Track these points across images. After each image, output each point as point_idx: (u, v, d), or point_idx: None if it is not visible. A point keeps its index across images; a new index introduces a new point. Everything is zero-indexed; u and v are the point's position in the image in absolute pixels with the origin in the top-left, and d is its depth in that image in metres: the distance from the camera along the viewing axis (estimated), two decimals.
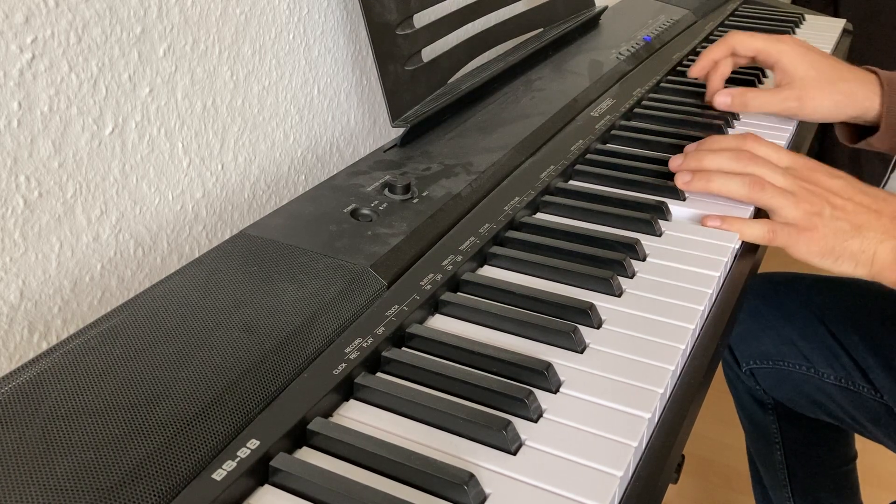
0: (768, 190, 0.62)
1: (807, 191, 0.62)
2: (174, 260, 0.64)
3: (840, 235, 0.61)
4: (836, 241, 0.61)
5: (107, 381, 0.40)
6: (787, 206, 0.62)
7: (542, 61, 0.89)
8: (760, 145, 0.65)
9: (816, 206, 0.62)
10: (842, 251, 0.61)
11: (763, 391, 1.00)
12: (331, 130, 0.79)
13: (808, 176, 0.64)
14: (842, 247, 0.61)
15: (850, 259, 0.61)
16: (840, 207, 0.62)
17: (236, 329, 0.44)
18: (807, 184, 0.63)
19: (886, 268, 0.61)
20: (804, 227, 0.61)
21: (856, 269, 0.61)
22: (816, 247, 0.61)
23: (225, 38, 0.65)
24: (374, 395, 0.43)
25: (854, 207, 0.62)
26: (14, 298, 0.52)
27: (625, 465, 0.39)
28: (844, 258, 0.61)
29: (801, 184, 0.63)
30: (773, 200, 0.62)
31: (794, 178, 0.63)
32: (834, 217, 0.61)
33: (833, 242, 0.61)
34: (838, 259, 0.61)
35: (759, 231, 0.62)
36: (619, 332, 0.49)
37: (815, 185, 0.63)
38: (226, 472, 0.36)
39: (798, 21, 1.18)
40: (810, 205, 0.61)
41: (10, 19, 0.48)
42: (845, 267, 0.61)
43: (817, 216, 0.61)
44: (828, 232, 0.61)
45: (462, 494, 0.36)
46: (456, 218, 0.58)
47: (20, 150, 0.51)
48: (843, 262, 0.61)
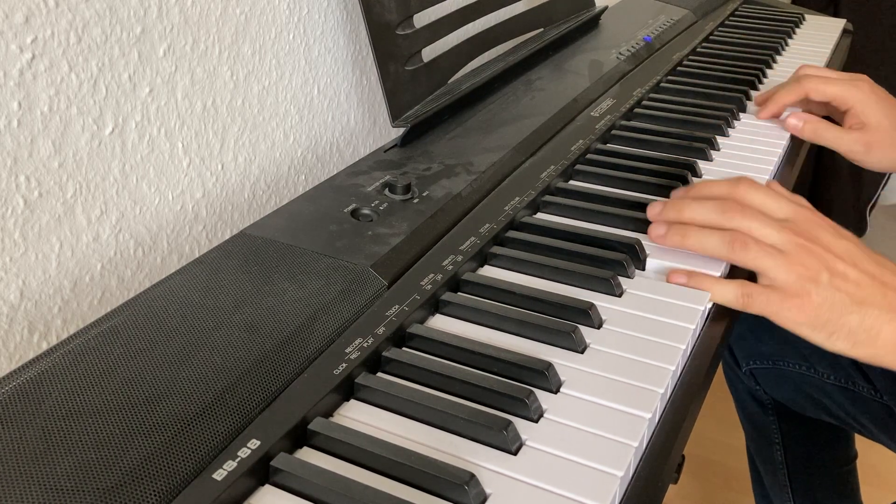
0: (752, 249, 0.54)
1: (803, 250, 0.53)
2: (174, 260, 0.64)
3: (837, 308, 0.52)
4: (831, 314, 0.52)
5: (107, 381, 0.40)
6: (775, 268, 0.53)
7: (542, 61, 0.89)
8: (755, 192, 0.57)
9: (812, 269, 0.53)
10: (837, 327, 0.52)
11: (763, 391, 1.00)
12: (331, 130, 0.79)
13: (807, 232, 0.55)
14: (838, 322, 0.52)
15: (848, 337, 0.53)
16: (841, 275, 0.53)
17: (237, 329, 0.44)
18: (805, 241, 0.54)
19: (892, 351, 0.52)
20: (793, 292, 0.52)
21: (853, 348, 0.53)
22: (806, 317, 0.53)
23: (225, 38, 0.65)
24: (374, 395, 0.43)
25: (857, 276, 0.53)
26: (14, 298, 0.52)
27: (625, 465, 0.39)
28: (840, 335, 0.53)
29: (797, 241, 0.54)
30: (758, 261, 0.54)
31: (790, 233, 0.54)
32: (832, 286, 0.52)
33: (828, 315, 0.52)
34: (832, 335, 0.53)
35: (730, 294, 0.54)
36: (620, 332, 0.49)
37: (815, 244, 0.54)
38: (226, 472, 0.36)
39: (798, 21, 1.18)
40: (805, 268, 0.53)
41: (10, 19, 0.48)
42: (840, 345, 0.53)
43: (812, 282, 0.52)
44: (821, 301, 0.52)
45: (462, 494, 0.36)
46: (456, 218, 0.58)
47: (20, 150, 0.51)
48: (837, 339, 0.53)
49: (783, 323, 0.53)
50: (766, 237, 0.54)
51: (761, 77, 0.93)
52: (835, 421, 0.93)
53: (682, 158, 0.71)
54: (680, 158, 0.71)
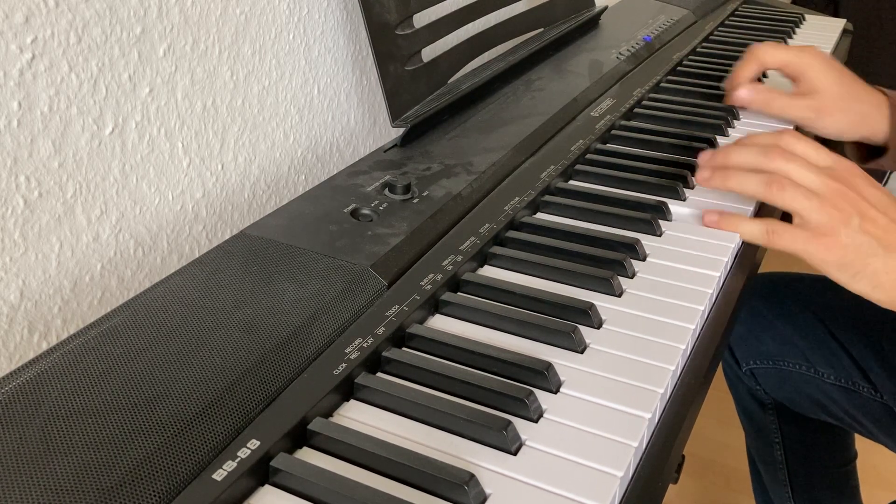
0: (788, 190, 0.56)
1: (838, 195, 0.56)
2: (174, 260, 0.64)
3: (864, 250, 0.55)
4: (857, 255, 0.55)
5: (107, 381, 0.40)
6: (808, 209, 0.56)
7: (542, 61, 0.89)
8: (798, 141, 0.59)
9: (844, 213, 0.55)
10: (861, 268, 0.55)
11: (763, 391, 1.00)
12: (331, 130, 0.79)
13: (844, 179, 0.57)
14: (863, 262, 0.55)
15: (871, 279, 0.55)
16: (871, 220, 0.55)
17: (236, 329, 0.44)
18: (841, 187, 0.56)
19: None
20: (822, 232, 0.55)
21: (874, 290, 0.56)
22: (833, 256, 0.55)
23: (225, 38, 0.65)
24: (374, 395, 0.43)
25: (887, 223, 0.56)
26: (14, 298, 0.52)
27: (625, 465, 0.39)
28: (863, 276, 0.55)
29: (833, 185, 0.56)
30: (794, 202, 0.56)
31: (828, 178, 0.57)
32: (861, 229, 0.55)
33: (854, 256, 0.55)
34: (856, 275, 0.55)
35: (756, 230, 0.57)
36: (620, 332, 0.49)
37: (851, 190, 0.56)
38: (226, 473, 0.36)
39: (798, 21, 1.18)
40: (837, 210, 0.55)
41: (10, 19, 0.48)
42: (862, 286, 0.56)
43: (842, 224, 0.55)
44: (849, 243, 0.55)
45: (462, 495, 0.36)
46: (456, 218, 0.58)
47: (20, 150, 0.51)
48: (860, 280, 0.55)
49: (809, 259, 0.56)
50: (804, 179, 0.57)
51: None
52: (835, 421, 0.93)
53: (682, 158, 0.71)
54: (680, 158, 0.71)
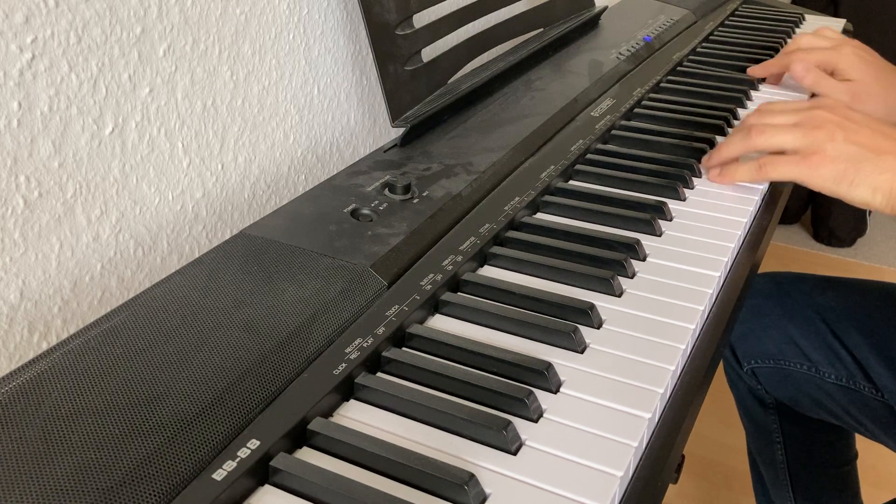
0: (768, 131, 0.59)
1: (817, 118, 0.58)
2: (174, 260, 0.64)
3: (853, 157, 0.56)
4: (848, 164, 0.56)
5: (107, 381, 0.40)
6: (792, 140, 0.58)
7: (542, 61, 0.89)
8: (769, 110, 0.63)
9: (826, 130, 0.57)
10: (855, 174, 0.56)
11: (764, 390, 0.99)
12: (331, 130, 0.79)
13: (822, 106, 0.60)
14: (855, 169, 0.56)
15: (867, 185, 0.56)
16: (854, 131, 0.57)
17: (236, 329, 0.44)
18: (819, 111, 0.59)
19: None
20: (809, 152, 0.57)
21: (874, 196, 0.56)
22: (826, 170, 0.56)
23: (225, 38, 0.65)
24: (374, 395, 0.43)
25: (871, 133, 0.57)
26: (14, 298, 0.52)
27: (625, 465, 0.39)
28: (860, 183, 0.56)
29: (812, 113, 0.59)
30: (775, 139, 0.59)
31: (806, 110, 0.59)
32: (847, 140, 0.56)
33: (845, 165, 0.56)
34: (853, 184, 0.56)
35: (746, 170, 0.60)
36: (620, 332, 0.49)
37: (829, 112, 0.58)
38: (226, 472, 0.36)
39: (798, 21, 1.18)
40: (820, 130, 0.57)
41: (10, 19, 0.48)
42: (862, 192, 0.56)
43: (826, 141, 0.57)
44: (837, 154, 0.56)
45: (462, 494, 0.36)
46: (456, 218, 0.58)
47: (20, 150, 0.51)
48: (858, 188, 0.56)
49: (806, 181, 0.58)
50: (782, 119, 0.60)
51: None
52: (836, 420, 0.93)
53: (682, 158, 0.71)
54: (680, 159, 0.71)
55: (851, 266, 1.98)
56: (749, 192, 0.66)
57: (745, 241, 0.61)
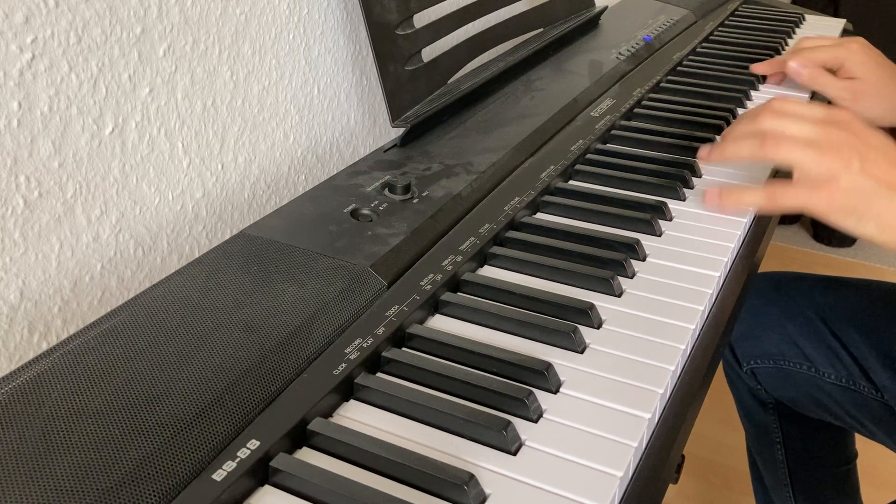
0: (783, 144, 0.56)
1: (834, 140, 0.55)
2: (174, 260, 0.64)
3: (867, 193, 0.54)
4: (860, 199, 0.54)
5: (107, 381, 0.40)
6: (806, 160, 0.55)
7: (542, 61, 0.89)
8: (787, 102, 0.59)
9: (844, 157, 0.54)
10: (866, 210, 0.54)
11: (764, 390, 0.99)
12: (331, 130, 0.79)
13: (840, 124, 0.57)
14: (867, 205, 0.54)
15: (877, 221, 0.54)
16: (872, 161, 0.55)
17: (236, 329, 0.44)
18: (837, 131, 0.56)
19: None
20: (822, 181, 0.55)
21: (881, 233, 0.55)
22: (837, 202, 0.55)
23: (225, 38, 0.65)
24: (374, 395, 0.43)
25: (889, 165, 0.55)
26: (14, 298, 0.52)
27: (625, 465, 0.39)
28: (869, 219, 0.55)
29: (829, 131, 0.56)
30: (791, 155, 0.56)
31: (823, 126, 0.56)
32: (863, 171, 0.54)
33: (857, 200, 0.54)
34: (861, 219, 0.55)
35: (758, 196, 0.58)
36: (620, 332, 0.49)
37: (848, 134, 0.56)
38: (226, 473, 0.36)
39: (798, 21, 1.18)
40: (837, 156, 0.55)
41: (10, 19, 0.48)
42: (869, 229, 0.55)
43: (842, 169, 0.54)
44: (850, 187, 0.54)
45: (462, 495, 0.36)
46: (456, 218, 0.58)
47: (20, 150, 0.51)
48: (867, 224, 0.55)
49: (815, 212, 0.56)
50: (798, 131, 0.56)
51: (761, 77, 0.93)
52: (835, 420, 0.93)
53: (682, 158, 0.71)
54: (680, 158, 0.71)
55: (851, 266, 1.98)
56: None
57: (745, 241, 0.61)
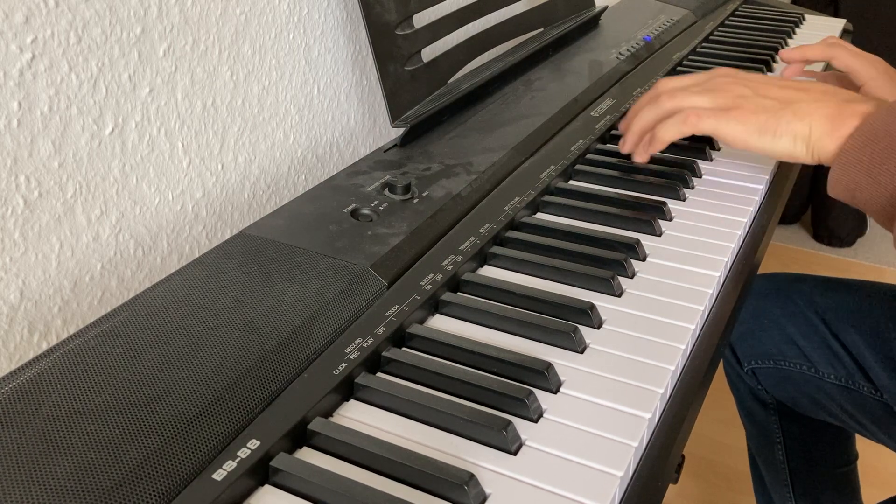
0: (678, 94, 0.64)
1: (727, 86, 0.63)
2: (174, 260, 0.64)
3: (770, 110, 0.60)
4: (767, 117, 0.60)
5: (107, 381, 0.40)
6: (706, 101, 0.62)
7: (542, 61, 0.89)
8: (671, 79, 0.68)
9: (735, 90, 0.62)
10: (776, 124, 0.60)
11: (764, 391, 0.99)
12: (331, 130, 0.79)
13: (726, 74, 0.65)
14: (776, 119, 0.60)
15: (789, 134, 0.59)
16: (764, 89, 0.62)
17: (236, 329, 0.44)
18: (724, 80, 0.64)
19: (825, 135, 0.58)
20: (730, 106, 0.61)
21: (795, 144, 0.60)
22: (748, 123, 0.60)
23: (225, 38, 0.65)
24: (374, 395, 0.43)
25: (778, 90, 0.62)
26: (14, 298, 0.52)
27: (625, 465, 0.39)
28: (782, 133, 0.60)
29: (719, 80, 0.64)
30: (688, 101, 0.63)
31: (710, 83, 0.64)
32: (759, 95, 0.61)
33: (765, 117, 0.60)
34: (776, 135, 0.60)
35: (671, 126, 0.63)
36: (620, 332, 0.49)
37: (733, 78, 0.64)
38: (226, 473, 0.36)
39: (798, 21, 1.18)
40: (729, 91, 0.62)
41: (10, 19, 0.48)
42: (784, 143, 0.60)
43: (742, 98, 0.61)
44: (755, 108, 0.60)
45: (462, 494, 0.36)
46: (456, 218, 0.58)
47: (20, 150, 0.51)
48: (781, 138, 0.60)
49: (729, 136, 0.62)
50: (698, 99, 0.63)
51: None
52: (836, 421, 0.93)
53: (682, 158, 0.71)
54: (680, 158, 0.71)
55: (851, 266, 1.98)
56: (749, 192, 0.66)
57: (745, 241, 0.61)
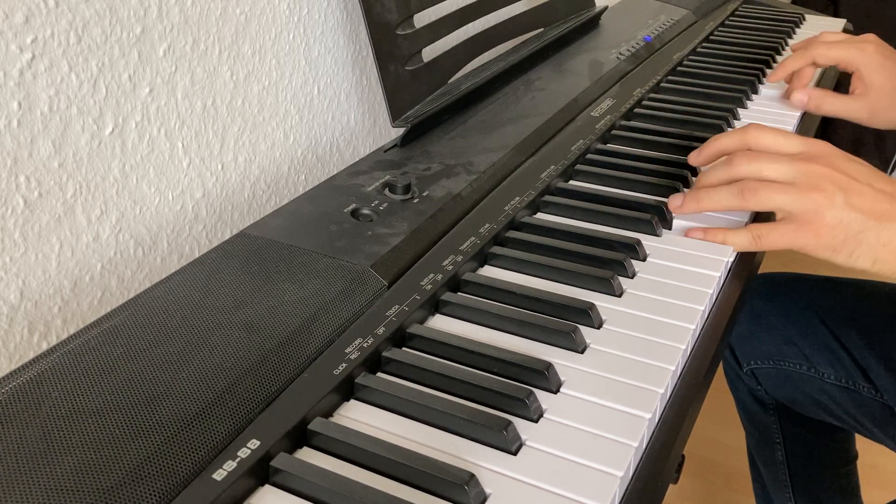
0: (761, 191, 0.55)
1: (814, 176, 0.54)
2: (174, 260, 0.64)
3: (854, 226, 0.53)
4: (847, 233, 0.53)
5: (107, 381, 0.40)
6: (788, 202, 0.54)
7: (542, 61, 0.89)
8: (765, 134, 0.58)
9: (826, 192, 0.53)
10: (856, 244, 0.53)
11: (764, 391, 1.00)
12: (331, 130, 0.79)
13: (818, 158, 0.56)
14: (856, 239, 0.53)
15: (868, 254, 0.53)
16: (856, 192, 0.54)
17: (237, 329, 0.44)
18: (816, 166, 0.55)
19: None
20: (806, 220, 0.54)
21: (874, 266, 0.54)
22: (824, 240, 0.54)
23: (225, 38, 0.65)
24: (374, 395, 0.43)
25: (874, 194, 0.54)
26: (14, 298, 0.52)
27: (625, 465, 0.39)
28: (860, 252, 0.53)
29: (807, 168, 0.55)
30: (769, 202, 0.55)
31: (801, 162, 0.55)
32: (847, 205, 0.53)
33: (845, 235, 0.53)
34: (852, 254, 0.54)
35: (742, 238, 0.56)
36: (620, 332, 0.49)
37: (828, 168, 0.55)
38: (226, 472, 0.36)
39: (798, 21, 1.18)
40: (818, 192, 0.53)
41: (10, 19, 0.48)
42: (862, 262, 0.54)
43: (826, 206, 0.53)
44: (836, 223, 0.53)
45: (462, 494, 0.36)
46: (456, 218, 0.58)
47: (20, 150, 0.51)
48: (858, 258, 0.54)
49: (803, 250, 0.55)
50: (776, 173, 0.55)
51: (761, 77, 0.93)
52: (835, 421, 0.93)
53: (683, 158, 0.71)
54: (680, 158, 0.71)
55: None
56: None
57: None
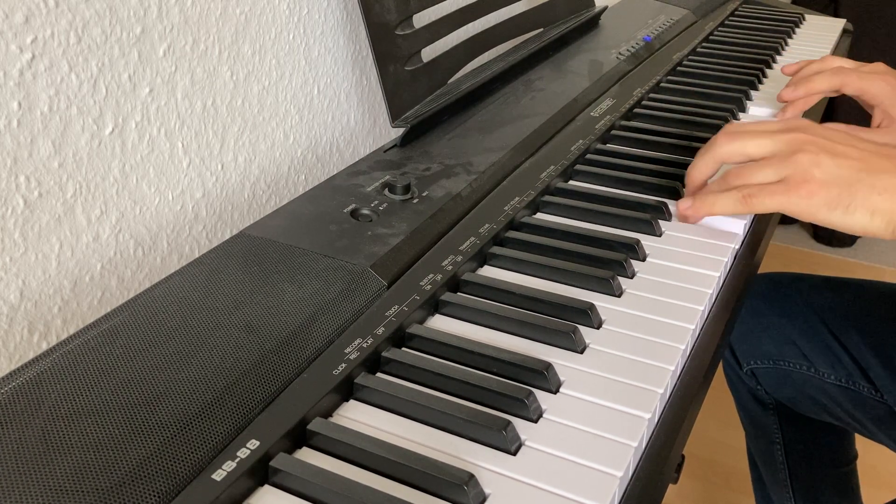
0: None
1: (798, 142, 0.54)
2: (174, 260, 0.64)
3: (845, 180, 0.52)
4: (840, 188, 0.51)
5: (107, 381, 0.40)
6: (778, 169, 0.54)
7: (542, 61, 0.89)
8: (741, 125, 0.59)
9: (810, 154, 0.53)
10: (850, 198, 0.51)
11: (764, 391, 1.00)
12: (331, 130, 0.79)
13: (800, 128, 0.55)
14: (850, 193, 0.51)
15: (865, 208, 0.52)
16: (842, 154, 0.53)
17: (236, 329, 0.44)
18: (798, 134, 0.54)
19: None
20: (797, 181, 0.52)
21: (872, 219, 0.52)
22: (818, 198, 0.52)
23: (225, 38, 0.65)
24: (373, 395, 0.43)
25: (859, 153, 0.53)
26: (14, 298, 0.52)
27: (625, 465, 0.39)
28: (856, 206, 0.52)
29: (790, 136, 0.54)
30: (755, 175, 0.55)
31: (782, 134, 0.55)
32: (836, 165, 0.52)
33: (838, 190, 0.52)
34: (849, 208, 0.52)
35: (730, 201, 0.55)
36: (619, 333, 0.49)
37: (809, 135, 0.54)
38: (226, 473, 0.36)
39: (798, 21, 1.18)
40: (803, 155, 0.53)
41: (10, 19, 0.48)
42: (859, 217, 0.52)
43: (814, 166, 0.52)
44: (827, 178, 0.52)
45: (462, 495, 0.36)
46: (456, 218, 0.58)
47: (20, 150, 0.51)
48: (855, 212, 0.52)
49: (796, 212, 0.53)
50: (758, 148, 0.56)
51: (761, 77, 0.93)
52: (835, 421, 0.93)
53: (682, 158, 0.71)
54: (680, 158, 0.71)
55: (851, 266, 1.98)
56: None
57: (745, 241, 0.61)
